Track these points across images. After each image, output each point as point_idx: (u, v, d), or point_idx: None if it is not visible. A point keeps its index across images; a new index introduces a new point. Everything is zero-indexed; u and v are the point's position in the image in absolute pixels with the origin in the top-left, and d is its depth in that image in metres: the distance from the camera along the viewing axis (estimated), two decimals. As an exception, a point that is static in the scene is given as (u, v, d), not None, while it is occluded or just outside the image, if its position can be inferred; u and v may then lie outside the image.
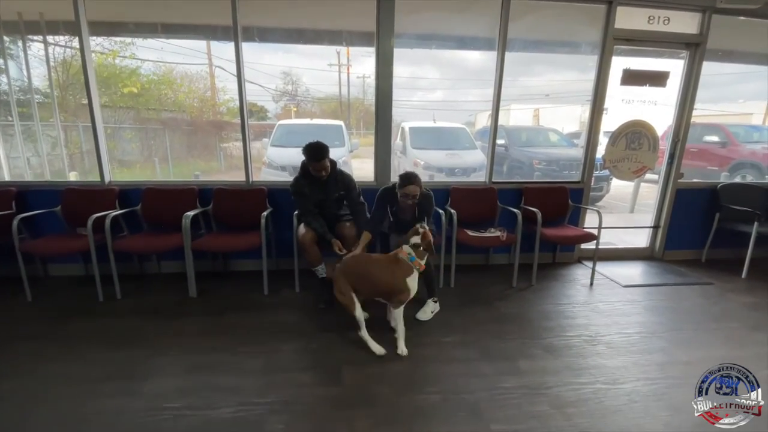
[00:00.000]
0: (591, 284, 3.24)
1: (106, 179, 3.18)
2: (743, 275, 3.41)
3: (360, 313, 2.18)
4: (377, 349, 2.17)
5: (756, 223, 3.32)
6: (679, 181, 3.72)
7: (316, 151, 2.57)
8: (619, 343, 2.36)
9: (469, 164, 5.26)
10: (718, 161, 6.19)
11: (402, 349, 2.19)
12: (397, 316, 2.21)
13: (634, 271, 3.57)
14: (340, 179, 2.75)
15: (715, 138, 6.35)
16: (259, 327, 2.46)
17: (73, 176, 4.20)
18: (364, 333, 2.21)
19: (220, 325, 2.49)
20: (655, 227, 3.90)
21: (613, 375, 2.04)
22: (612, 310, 2.80)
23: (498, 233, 3.12)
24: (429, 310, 2.61)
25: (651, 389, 1.93)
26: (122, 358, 2.11)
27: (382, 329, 2.35)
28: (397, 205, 2.63)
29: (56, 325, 2.46)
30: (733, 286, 3.26)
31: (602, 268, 3.52)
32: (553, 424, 1.69)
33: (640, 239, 4.04)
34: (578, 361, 2.17)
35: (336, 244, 2.64)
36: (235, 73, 3.10)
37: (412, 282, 2.20)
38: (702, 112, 5.30)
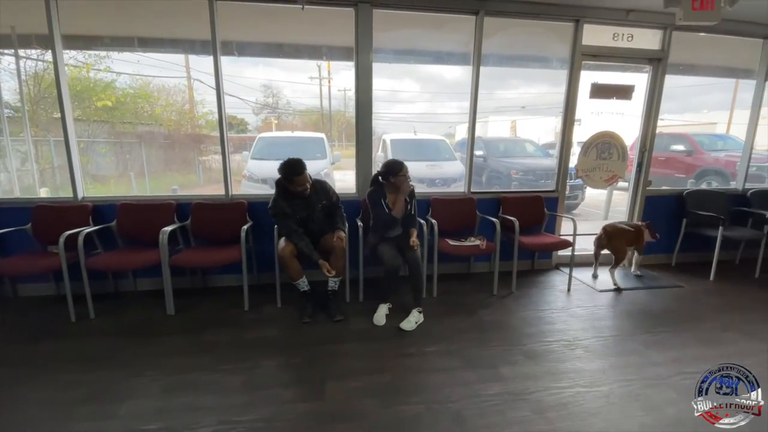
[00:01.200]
0: (569, 290, 3.32)
1: (79, 195, 3.09)
2: (711, 278, 3.57)
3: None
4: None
5: (721, 228, 3.49)
6: (647, 188, 3.88)
7: (294, 166, 2.52)
8: (597, 346, 2.43)
9: (449, 175, 5.35)
10: (684, 169, 6.47)
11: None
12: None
13: (608, 277, 3.67)
14: (319, 188, 2.73)
15: (681, 147, 6.66)
16: (240, 343, 2.42)
17: (43, 192, 4.06)
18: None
19: (200, 342, 2.43)
20: (628, 233, 4.05)
21: (591, 378, 2.10)
22: (589, 314, 2.88)
23: (478, 242, 3.17)
24: (413, 320, 2.62)
25: (627, 390, 1.99)
26: (97, 380, 2.04)
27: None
28: (390, 197, 2.76)
29: (27, 348, 2.35)
30: (702, 288, 3.40)
31: (579, 274, 3.62)
32: (535, 428, 1.72)
33: (615, 245, 4.16)
34: (558, 365, 2.22)
35: (324, 266, 2.61)
36: (213, 86, 3.10)
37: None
38: (668, 122, 5.58)
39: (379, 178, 2.80)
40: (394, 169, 2.71)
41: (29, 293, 3.10)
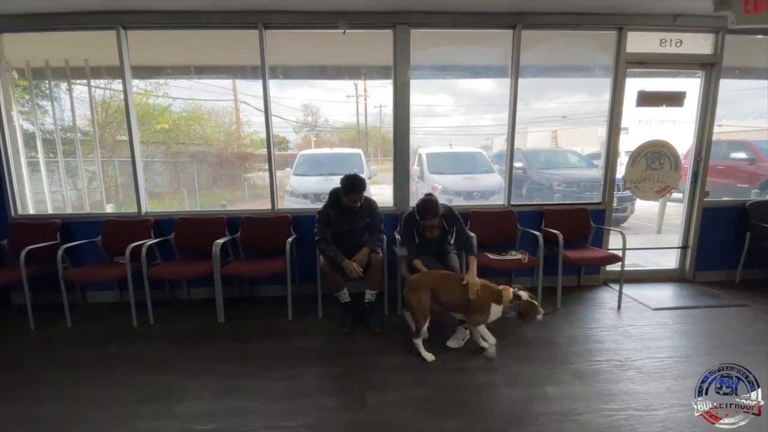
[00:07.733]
0: (619, 307, 3.16)
1: (143, 210, 3.37)
2: (782, 296, 3.26)
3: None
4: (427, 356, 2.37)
5: (791, 242, 3.20)
6: (705, 199, 3.64)
7: (356, 184, 2.65)
8: (651, 368, 2.29)
9: (487, 187, 5.28)
10: (747, 178, 5.99)
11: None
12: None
13: (663, 294, 3.46)
14: (367, 206, 2.82)
15: (742, 155, 6.19)
16: (285, 352, 2.51)
17: (109, 208, 4.45)
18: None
19: (247, 350, 2.55)
20: (684, 248, 3.80)
21: (645, 401, 1.98)
22: (642, 333, 2.72)
23: (519, 256, 3.11)
24: (461, 337, 2.59)
25: (686, 416, 1.85)
26: (156, 382, 2.19)
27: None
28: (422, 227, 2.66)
29: (94, 350, 2.58)
30: (771, 307, 3.11)
31: (630, 290, 3.43)
32: (585, 451, 1.65)
33: (669, 260, 3.92)
34: (609, 386, 2.11)
35: (348, 266, 2.66)
36: (258, 107, 3.31)
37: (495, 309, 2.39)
38: (726, 129, 5.21)
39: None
40: (418, 215, 2.54)
41: (96, 300, 3.40)
